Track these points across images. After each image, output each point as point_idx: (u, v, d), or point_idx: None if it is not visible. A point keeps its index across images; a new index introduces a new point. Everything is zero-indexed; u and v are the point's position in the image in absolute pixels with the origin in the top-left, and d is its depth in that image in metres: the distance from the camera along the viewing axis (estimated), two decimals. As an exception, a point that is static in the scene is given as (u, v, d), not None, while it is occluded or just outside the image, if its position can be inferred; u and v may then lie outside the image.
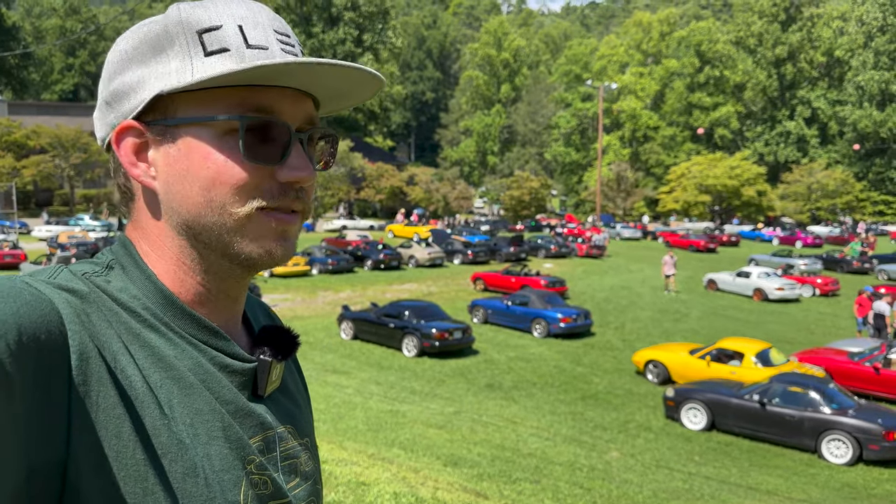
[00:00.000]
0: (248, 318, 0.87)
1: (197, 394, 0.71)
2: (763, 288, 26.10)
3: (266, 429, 0.77)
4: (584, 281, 28.53)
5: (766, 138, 73.47)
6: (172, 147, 0.72)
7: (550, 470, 9.36)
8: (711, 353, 14.92)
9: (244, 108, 0.71)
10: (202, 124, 0.71)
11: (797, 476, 10.65)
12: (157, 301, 0.73)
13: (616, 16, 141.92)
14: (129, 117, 0.73)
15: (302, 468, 0.82)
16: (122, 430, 0.63)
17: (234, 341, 0.78)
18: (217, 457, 0.70)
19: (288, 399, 0.85)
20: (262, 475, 0.74)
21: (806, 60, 71.86)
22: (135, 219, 0.77)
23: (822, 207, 59.28)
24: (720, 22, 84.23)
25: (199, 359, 0.73)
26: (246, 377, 0.77)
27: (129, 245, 0.76)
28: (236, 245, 0.73)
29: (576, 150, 77.28)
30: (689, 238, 43.54)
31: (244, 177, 0.71)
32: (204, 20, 0.71)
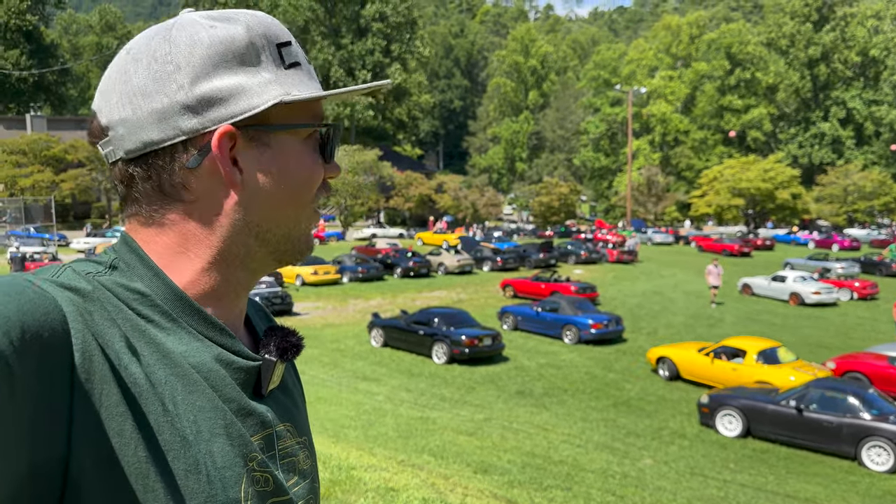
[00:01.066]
0: (249, 317, 0.89)
1: (200, 391, 0.71)
2: (799, 292, 25.62)
3: (266, 427, 0.78)
4: (615, 286, 28.28)
5: (800, 140, 72.29)
6: (267, 150, 0.77)
7: (582, 477, 9.27)
8: (715, 351, 15.31)
9: (319, 117, 0.81)
10: (294, 131, 0.78)
11: (836, 484, 10.40)
12: (165, 296, 0.74)
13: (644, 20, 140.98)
14: (227, 122, 0.74)
15: (300, 466, 0.83)
16: (125, 428, 0.63)
17: (239, 339, 0.79)
18: (219, 454, 0.71)
19: (287, 397, 0.87)
20: (264, 472, 0.75)
21: (840, 60, 70.62)
22: (161, 221, 0.77)
23: (858, 210, 58.03)
24: (750, 24, 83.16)
25: (204, 355, 0.74)
26: (249, 375, 0.78)
27: (133, 243, 0.77)
28: (296, 239, 0.81)
29: (605, 156, 76.80)
30: (723, 242, 42.93)
31: (321, 176, 0.81)
32: (280, 35, 0.78)
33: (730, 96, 72.92)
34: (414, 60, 69.77)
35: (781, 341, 19.57)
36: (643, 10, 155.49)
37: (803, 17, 71.96)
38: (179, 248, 0.77)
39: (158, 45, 0.74)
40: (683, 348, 16.30)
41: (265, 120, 0.76)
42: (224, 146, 0.75)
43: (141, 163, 0.74)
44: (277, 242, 0.80)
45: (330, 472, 5.78)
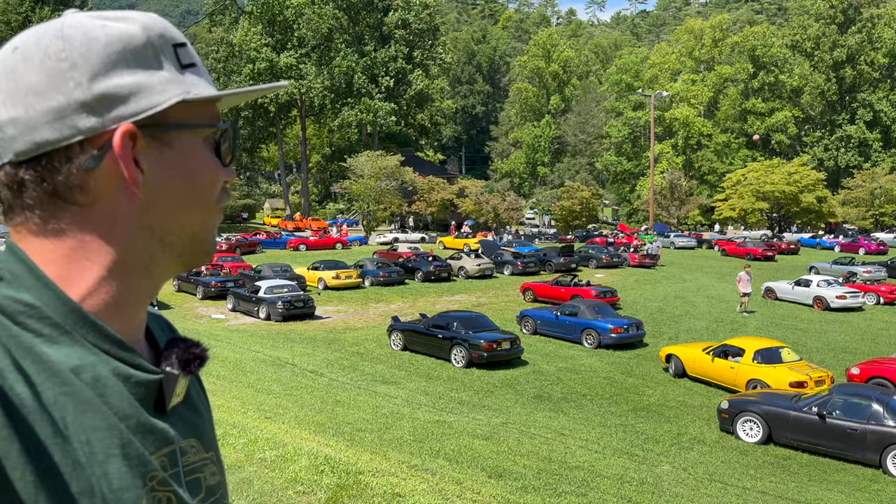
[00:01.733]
0: (150, 330, 0.85)
1: (94, 409, 0.67)
2: (824, 296, 25.24)
3: (169, 443, 0.75)
4: (636, 291, 28.07)
5: (826, 143, 71.32)
6: (169, 151, 0.74)
7: (598, 483, 9.21)
8: (716, 350, 15.76)
9: (214, 118, 0.79)
10: (194, 131, 0.76)
11: (860, 492, 10.22)
12: (56, 309, 0.70)
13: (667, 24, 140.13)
14: (127, 122, 0.71)
15: (206, 482, 0.81)
16: (10, 452, 0.60)
17: (138, 351, 0.75)
18: (115, 475, 0.67)
19: (192, 412, 0.84)
20: (166, 491, 0.72)
21: (866, 62, 69.59)
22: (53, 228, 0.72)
23: (886, 213, 57.03)
24: (775, 26, 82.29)
25: (100, 369, 0.70)
26: (149, 390, 0.74)
27: (20, 252, 0.72)
28: (202, 242, 0.79)
29: (627, 160, 76.36)
30: (746, 246, 42.44)
31: (222, 178, 0.79)
32: (176, 36, 0.77)
33: (753, 99, 72.17)
34: (436, 66, 69.93)
35: (806, 346, 19.33)
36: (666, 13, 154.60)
37: (829, 20, 71.06)
38: (75, 256, 0.72)
39: (51, 42, 0.70)
40: (690, 347, 16.89)
41: (165, 120, 0.73)
42: (126, 145, 0.71)
43: (33, 165, 0.70)
44: (183, 245, 0.78)
45: (337, 477, 5.81)
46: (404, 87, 65.47)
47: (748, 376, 14.74)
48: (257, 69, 60.79)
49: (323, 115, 66.66)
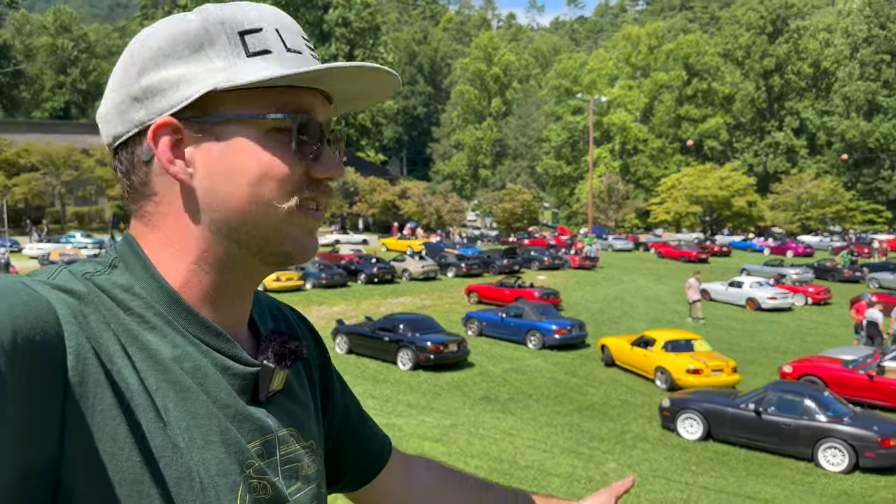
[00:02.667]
0: (254, 319, 0.86)
1: (193, 397, 0.70)
2: (755, 297, 26.22)
3: (266, 432, 0.76)
4: (577, 292, 28.58)
5: (756, 149, 74.11)
6: (216, 144, 0.73)
7: (549, 482, 9.35)
8: (636, 341, 17.17)
9: (290, 108, 0.73)
10: (249, 122, 0.73)
11: (794, 485, 10.66)
12: (161, 299, 0.72)
13: (604, 30, 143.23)
14: (167, 113, 0.72)
15: (304, 472, 0.81)
16: (118, 433, 0.62)
17: (238, 343, 0.77)
18: (213, 461, 0.69)
19: (291, 401, 0.84)
20: (262, 479, 0.73)
21: (793, 72, 72.66)
22: (147, 217, 0.76)
23: (811, 217, 59.69)
24: (707, 35, 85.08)
25: (199, 360, 0.72)
26: (246, 381, 0.76)
27: (135, 243, 0.76)
28: (275, 241, 0.75)
29: (567, 163, 77.67)
30: (681, 249, 43.73)
31: (289, 172, 0.73)
32: (245, 22, 0.73)
33: (687, 106, 74.41)
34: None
35: (739, 346, 20.05)
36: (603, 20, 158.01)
37: (758, 29, 73.89)
38: (167, 247, 0.75)
39: (133, 42, 0.76)
40: (619, 339, 18.32)
41: (215, 111, 0.72)
42: (161, 138, 0.72)
43: (116, 157, 0.76)
44: (257, 245, 0.75)
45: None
46: (344, 87, 65.06)
47: (656, 363, 16.15)
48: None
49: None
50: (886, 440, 10.86)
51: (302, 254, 0.77)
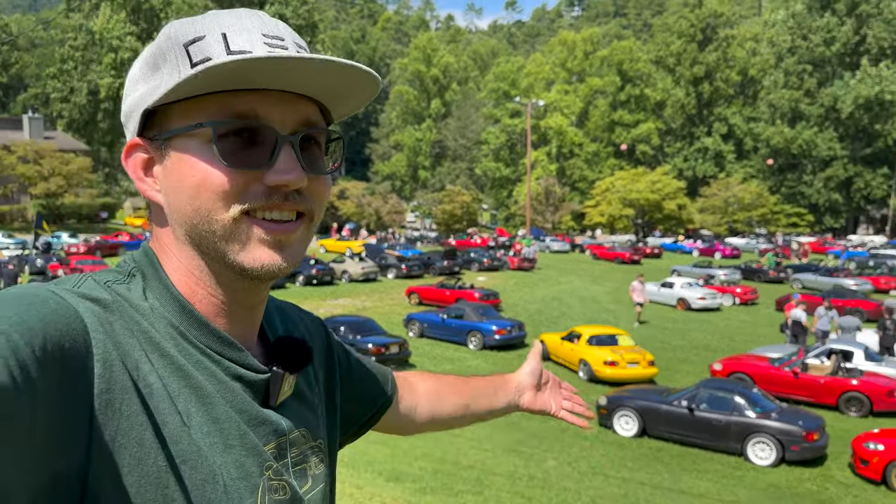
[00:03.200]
0: (262, 326, 0.88)
1: (214, 403, 0.72)
2: (686, 297, 27.07)
3: (279, 435, 0.79)
4: (516, 293, 28.94)
5: (686, 154, 76.42)
6: (168, 160, 0.74)
7: (491, 481, 9.47)
8: (565, 336, 18.13)
9: (223, 114, 0.71)
10: (187, 135, 0.72)
11: (725, 479, 11.08)
12: (175, 311, 0.74)
13: (541, 34, 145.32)
14: (134, 135, 0.76)
15: (312, 471, 0.84)
16: (145, 438, 0.64)
17: (248, 352, 0.79)
18: (234, 464, 0.72)
19: (301, 403, 0.87)
20: (281, 481, 0.76)
21: (722, 79, 75.25)
22: (153, 233, 0.80)
23: (738, 220, 61.99)
24: (640, 42, 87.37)
25: (213, 369, 0.74)
26: (258, 388, 0.78)
27: (151, 254, 0.78)
28: (230, 254, 0.74)
29: (505, 165, 78.47)
30: (616, 250, 44.78)
31: (225, 182, 0.71)
32: (189, 33, 0.72)
33: (621, 111, 76.17)
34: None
35: (671, 345, 20.69)
36: (540, 24, 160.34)
37: (689, 37, 76.23)
38: (170, 260, 0.77)
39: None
40: (554, 334, 19.12)
41: (167, 127, 0.74)
42: (133, 159, 0.76)
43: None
44: (219, 257, 0.75)
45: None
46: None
47: (579, 356, 17.07)
48: (120, 59, 57.43)
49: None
50: (811, 434, 11.41)
51: (261, 269, 0.74)
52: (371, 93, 0.78)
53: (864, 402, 14.09)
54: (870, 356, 15.65)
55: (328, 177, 0.80)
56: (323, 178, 0.79)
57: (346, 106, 0.82)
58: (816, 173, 67.04)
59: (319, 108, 0.79)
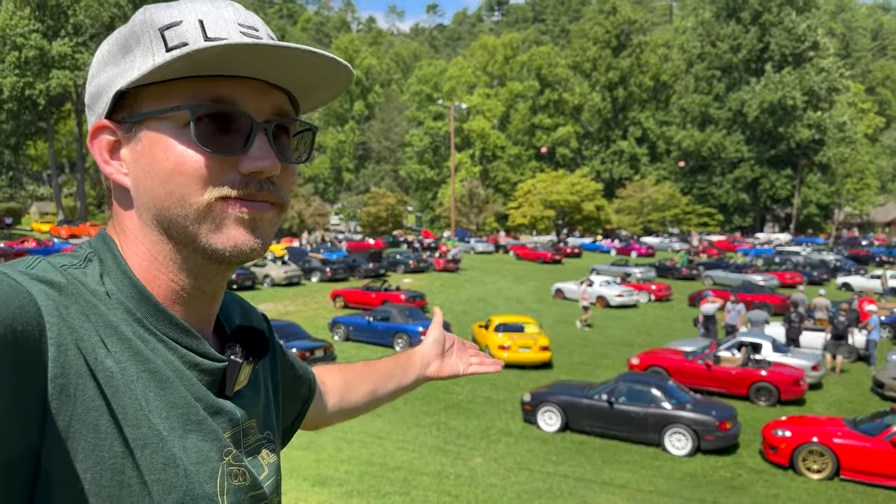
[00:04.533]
0: (220, 316, 0.88)
1: (172, 388, 0.71)
2: (605, 295, 27.86)
3: (234, 424, 0.79)
4: (442, 294, 29.09)
5: (602, 157, 78.63)
6: (138, 143, 0.73)
7: (419, 481, 9.49)
8: (484, 325, 19.90)
9: (200, 98, 0.71)
10: (162, 117, 0.72)
11: (644, 469, 11.46)
12: (132, 297, 0.73)
13: (463, 38, 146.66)
14: (102, 117, 0.75)
15: (265, 460, 0.84)
16: (100, 423, 0.63)
17: (205, 340, 0.78)
18: (194, 448, 0.71)
19: (255, 393, 0.87)
20: (240, 466, 0.76)
21: (636, 84, 77.81)
22: (113, 216, 0.79)
23: (652, 220, 64.26)
24: (558, 47, 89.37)
25: (169, 357, 0.73)
26: (214, 377, 0.78)
27: (109, 239, 0.77)
28: (202, 237, 0.73)
29: (429, 168, 78.76)
30: (538, 251, 45.63)
31: (202, 166, 0.71)
32: (166, 18, 0.72)
33: (541, 115, 77.68)
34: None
35: (591, 341, 21.25)
36: (461, 28, 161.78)
37: (604, 43, 78.49)
38: (130, 245, 0.76)
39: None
40: (479, 324, 20.82)
41: (138, 109, 0.73)
42: (99, 141, 0.76)
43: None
44: (188, 242, 0.74)
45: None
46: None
47: (485, 342, 18.56)
48: (24, 57, 54.48)
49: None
50: (724, 423, 11.93)
51: (235, 251, 0.74)
52: (343, 85, 0.79)
53: (772, 392, 14.84)
54: (777, 348, 16.50)
55: (295, 166, 0.80)
56: (292, 167, 0.79)
57: (317, 97, 0.82)
58: (725, 174, 70.16)
59: (290, 98, 0.79)
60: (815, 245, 55.62)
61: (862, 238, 62.10)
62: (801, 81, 66.22)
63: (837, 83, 68.11)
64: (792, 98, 65.38)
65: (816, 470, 11.09)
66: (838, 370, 17.22)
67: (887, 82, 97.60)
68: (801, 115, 66.54)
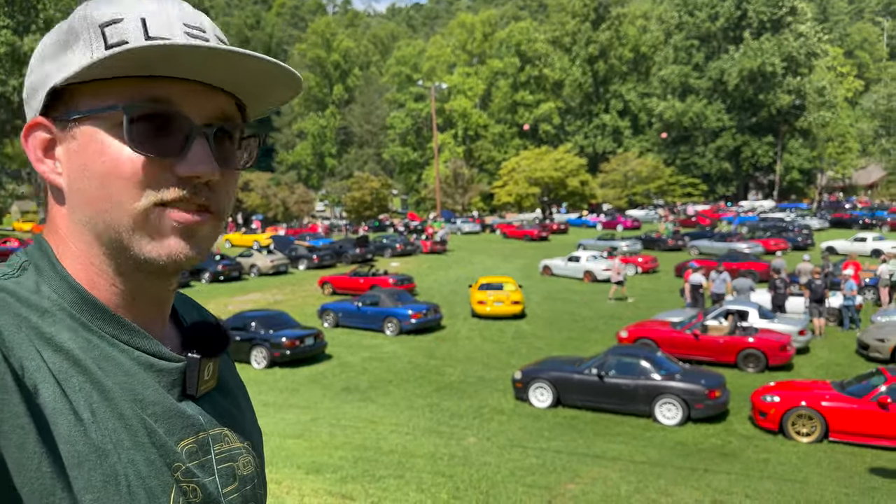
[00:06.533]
0: (178, 315, 0.84)
1: (119, 398, 0.67)
2: (592, 270, 27.98)
3: (198, 430, 0.74)
4: (430, 276, 29.10)
5: (585, 131, 78.60)
6: (73, 142, 0.70)
7: (413, 463, 9.53)
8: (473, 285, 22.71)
9: (137, 98, 0.68)
10: (97, 117, 0.69)
11: (636, 440, 11.57)
12: (73, 301, 0.70)
13: (440, 17, 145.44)
14: (37, 113, 0.73)
15: (240, 472, 0.79)
16: (27, 442, 0.58)
17: (159, 340, 0.75)
18: (143, 463, 0.67)
19: (227, 399, 0.83)
20: (190, 482, 0.71)
21: (616, 57, 77.63)
22: (49, 219, 0.75)
23: (637, 193, 64.41)
24: (537, 22, 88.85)
25: (120, 359, 0.70)
26: (174, 377, 0.74)
27: (45, 245, 0.74)
28: (136, 245, 0.70)
29: (413, 150, 78.47)
30: (524, 228, 45.68)
31: (137, 169, 0.68)
32: (107, 15, 0.70)
33: (522, 92, 77.41)
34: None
35: (580, 315, 21.36)
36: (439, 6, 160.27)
37: (583, 17, 78.12)
38: (67, 247, 0.73)
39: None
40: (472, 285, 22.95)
41: (75, 107, 0.70)
42: (33, 138, 0.73)
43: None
44: (118, 249, 0.71)
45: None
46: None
47: (472, 299, 21.64)
48: (-7, 53, 53.50)
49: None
50: (713, 392, 12.06)
51: (170, 260, 0.70)
52: (292, 93, 0.76)
53: (760, 358, 15.00)
54: (763, 314, 16.66)
55: (237, 174, 0.77)
56: (233, 173, 0.76)
57: (264, 103, 0.79)
58: (707, 144, 70.36)
59: (237, 102, 0.76)
60: (798, 210, 55.96)
61: (845, 201, 62.54)
62: (779, 47, 66.24)
63: (816, 48, 68.17)
64: (771, 64, 65.46)
65: (806, 433, 11.25)
66: (818, 333, 17.41)
67: (865, 45, 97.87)
68: (780, 82, 66.67)
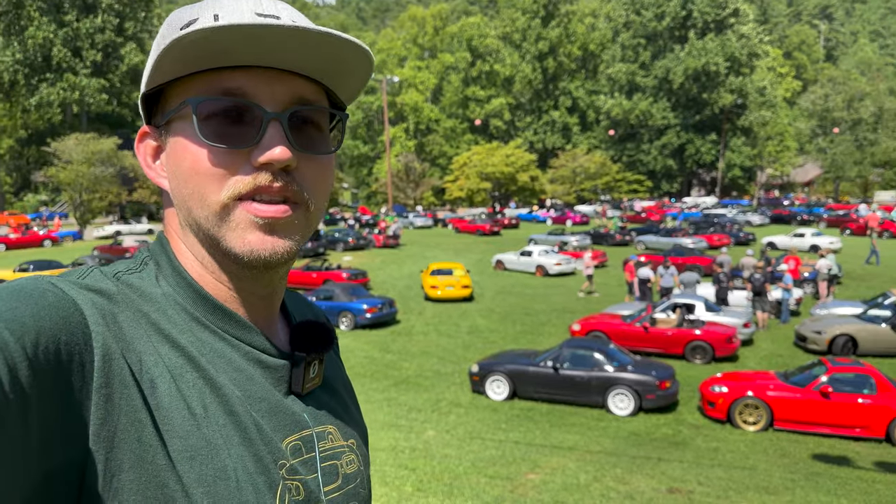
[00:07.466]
0: (288, 312, 0.87)
1: (230, 394, 0.69)
2: (543, 264, 28.37)
3: (303, 427, 0.76)
4: (384, 270, 29.06)
5: (535, 127, 79.40)
6: (169, 145, 0.73)
7: (375, 457, 9.58)
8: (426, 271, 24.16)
9: (210, 91, 0.69)
10: (178, 116, 0.71)
11: (591, 430, 11.85)
12: (188, 296, 0.72)
13: (391, 9, 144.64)
14: (144, 123, 0.77)
15: (343, 470, 0.80)
16: (144, 434, 0.61)
17: (268, 337, 0.77)
18: (251, 459, 0.68)
19: (332, 397, 0.85)
20: (293, 480, 0.72)
21: (565, 54, 78.58)
22: (164, 217, 0.80)
23: (585, 188, 65.44)
24: (487, 17, 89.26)
25: (230, 355, 0.72)
26: (281, 373, 0.76)
27: (165, 241, 0.77)
28: (223, 241, 0.71)
29: (364, 143, 78.03)
30: (476, 223, 45.97)
31: (215, 162, 0.69)
32: (186, 17, 0.71)
33: (473, 87, 77.74)
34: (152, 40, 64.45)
35: (533, 309, 21.65)
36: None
37: (532, 13, 78.79)
38: (178, 248, 0.77)
39: None
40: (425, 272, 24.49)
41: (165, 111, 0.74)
42: (143, 146, 0.77)
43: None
44: (212, 245, 0.73)
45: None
46: (115, 63, 59.45)
47: (425, 283, 23.34)
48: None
49: (15, 92, 58.07)
50: (663, 383, 12.43)
51: (252, 255, 0.71)
52: (367, 69, 0.74)
53: (707, 350, 15.50)
54: (709, 307, 17.21)
55: (327, 160, 0.76)
56: (319, 160, 0.74)
57: (348, 85, 0.77)
58: (653, 141, 71.91)
59: (326, 90, 0.76)
60: (739, 207, 57.75)
61: (783, 198, 64.82)
62: (723, 48, 68.13)
63: (757, 48, 70.39)
64: (715, 64, 67.28)
65: (752, 422, 11.70)
66: (761, 325, 18.06)
67: (803, 47, 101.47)
68: (723, 81, 68.60)
